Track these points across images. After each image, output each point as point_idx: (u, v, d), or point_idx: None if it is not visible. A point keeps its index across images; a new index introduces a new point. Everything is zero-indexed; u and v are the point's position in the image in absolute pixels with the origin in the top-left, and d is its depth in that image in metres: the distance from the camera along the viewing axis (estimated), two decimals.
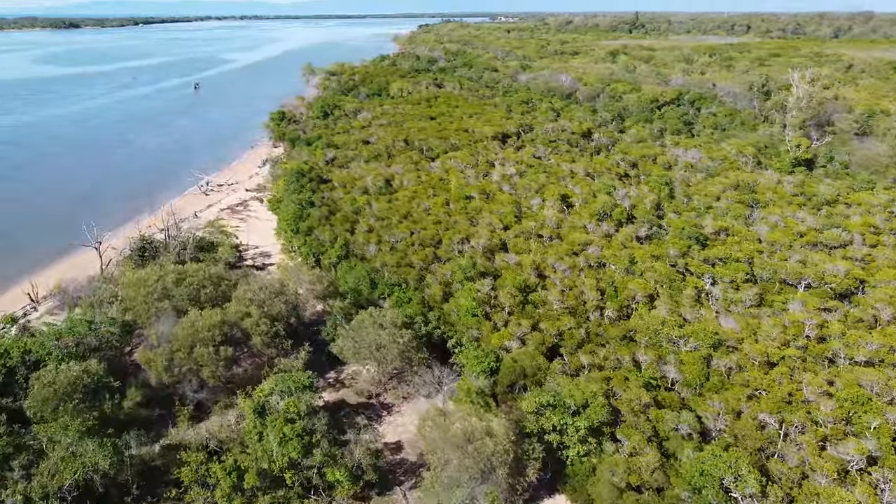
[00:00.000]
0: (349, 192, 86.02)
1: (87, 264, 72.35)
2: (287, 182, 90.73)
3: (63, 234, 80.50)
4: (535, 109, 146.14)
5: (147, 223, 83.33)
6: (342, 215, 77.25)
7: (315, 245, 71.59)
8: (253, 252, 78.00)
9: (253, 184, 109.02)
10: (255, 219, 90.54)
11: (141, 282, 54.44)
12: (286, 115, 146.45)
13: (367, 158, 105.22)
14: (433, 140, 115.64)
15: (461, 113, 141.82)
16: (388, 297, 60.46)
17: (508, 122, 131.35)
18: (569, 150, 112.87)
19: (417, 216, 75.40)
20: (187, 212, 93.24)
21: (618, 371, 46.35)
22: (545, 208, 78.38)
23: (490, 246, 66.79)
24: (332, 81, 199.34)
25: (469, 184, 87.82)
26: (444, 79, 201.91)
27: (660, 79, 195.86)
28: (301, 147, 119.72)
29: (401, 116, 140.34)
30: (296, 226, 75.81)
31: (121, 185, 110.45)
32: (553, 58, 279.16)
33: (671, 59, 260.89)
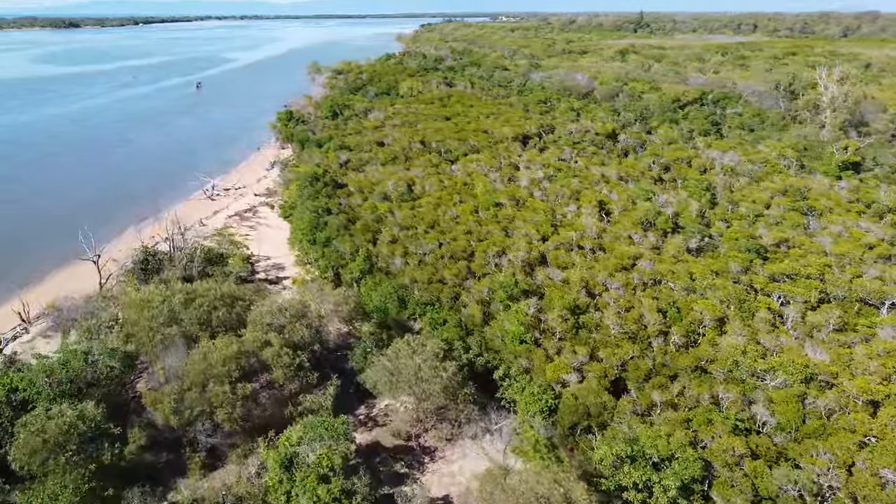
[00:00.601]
0: (368, 199, 79.75)
1: (85, 277, 66.08)
2: (300, 187, 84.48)
3: (59, 242, 74.28)
4: (554, 109, 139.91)
5: (150, 233, 77.05)
6: (362, 224, 70.95)
7: (334, 257, 65.31)
8: (265, 264, 71.73)
9: (261, 188, 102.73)
10: (266, 226, 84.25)
11: (144, 303, 48.16)
12: (294, 115, 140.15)
13: (383, 161, 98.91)
14: (451, 141, 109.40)
15: (477, 113, 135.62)
16: (419, 317, 54.27)
17: (528, 123, 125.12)
18: (595, 151, 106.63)
19: (445, 225, 69.10)
20: (192, 218, 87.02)
21: (696, 410, 40.07)
22: (582, 216, 72.14)
23: (529, 259, 60.52)
24: (339, 80, 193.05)
25: (496, 189, 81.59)
26: (454, 77, 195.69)
27: (678, 78, 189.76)
28: (311, 149, 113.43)
29: (414, 116, 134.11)
30: (312, 236, 69.52)
31: (121, 189, 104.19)
32: (561, 57, 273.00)
33: (683, 58, 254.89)
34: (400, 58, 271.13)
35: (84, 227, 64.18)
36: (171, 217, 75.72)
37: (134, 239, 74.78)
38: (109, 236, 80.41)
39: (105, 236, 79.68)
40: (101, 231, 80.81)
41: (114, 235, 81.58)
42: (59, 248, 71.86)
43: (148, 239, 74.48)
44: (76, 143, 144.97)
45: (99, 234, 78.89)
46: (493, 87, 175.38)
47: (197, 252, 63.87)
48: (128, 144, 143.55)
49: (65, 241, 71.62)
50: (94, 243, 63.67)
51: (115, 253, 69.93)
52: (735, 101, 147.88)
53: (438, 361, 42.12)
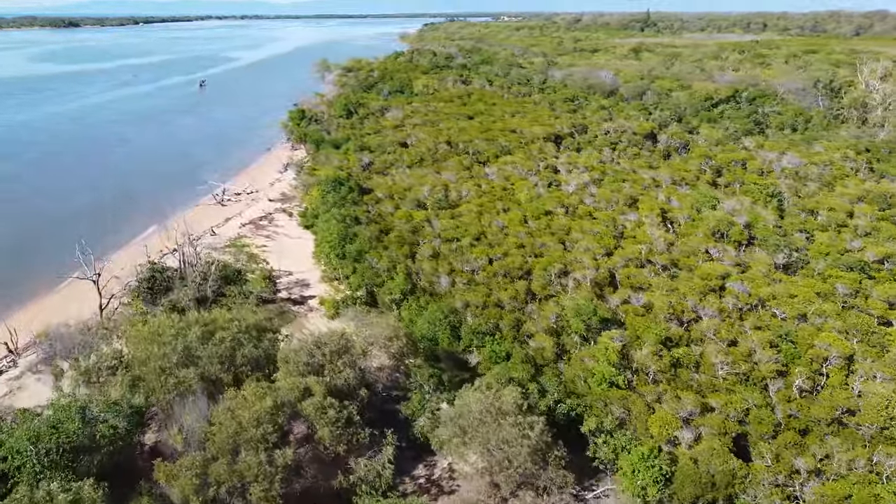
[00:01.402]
0: (399, 206, 71.48)
1: (83, 296, 57.74)
2: (321, 192, 76.19)
3: (55, 256, 65.92)
4: (583, 107, 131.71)
5: (156, 244, 68.82)
6: (397, 235, 62.65)
7: (368, 274, 57.03)
8: (287, 280, 63.41)
9: (276, 192, 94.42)
10: (285, 236, 75.93)
11: (154, 337, 39.88)
12: (306, 113, 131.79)
13: (409, 163, 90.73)
14: (479, 142, 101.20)
15: (501, 111, 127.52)
16: (476, 349, 46.05)
17: (558, 122, 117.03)
18: (637, 153, 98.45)
19: (493, 237, 60.79)
20: (202, 227, 78.70)
21: (851, 481, 31.81)
22: (644, 226, 63.91)
23: (597, 279, 52.28)
24: (350, 78, 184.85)
25: (540, 195, 73.36)
26: (469, 75, 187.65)
27: (703, 75, 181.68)
28: (327, 149, 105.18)
29: (434, 115, 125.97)
30: (341, 249, 61.19)
31: (123, 194, 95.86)
32: (573, 55, 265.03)
33: (699, 57, 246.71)
34: (410, 56, 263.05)
35: (82, 242, 55.68)
36: (179, 226, 67.47)
37: (138, 251, 66.45)
38: (111, 248, 72.14)
39: (106, 248, 71.43)
40: (101, 242, 72.59)
41: (116, 247, 73.31)
42: (55, 262, 63.53)
43: (154, 252, 66.24)
44: (74, 144, 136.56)
45: (99, 246, 70.62)
46: (513, 85, 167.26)
47: (212, 269, 55.56)
48: (129, 145, 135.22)
49: (61, 254, 63.28)
50: (94, 259, 55.23)
51: (118, 268, 61.57)
52: (772, 99, 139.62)
53: (522, 416, 33.83)
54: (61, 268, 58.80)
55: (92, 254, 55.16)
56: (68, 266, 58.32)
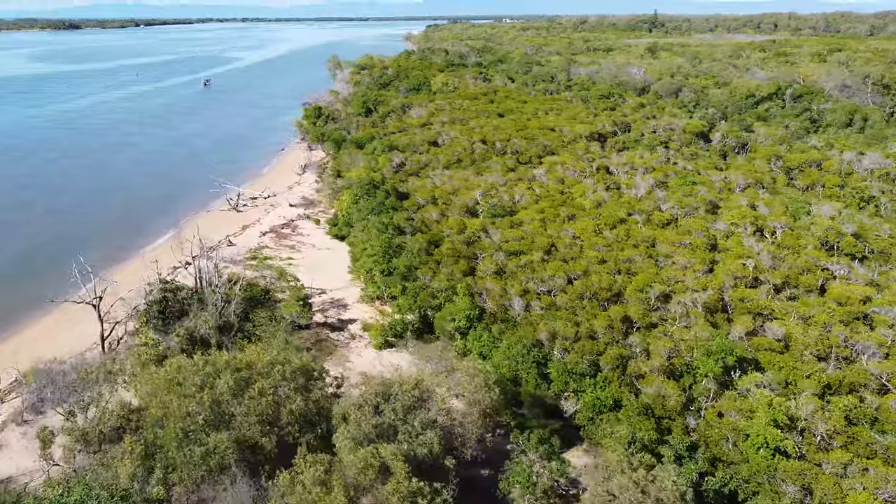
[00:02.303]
0: (445, 212, 62.18)
1: (81, 322, 48.57)
2: (353, 197, 66.89)
3: (49, 273, 56.80)
4: (621, 105, 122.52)
5: (166, 256, 59.53)
6: (450, 248, 53.34)
7: (423, 296, 47.72)
8: (320, 300, 54.05)
9: (296, 197, 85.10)
10: (312, 247, 66.59)
11: (172, 385, 30.67)
12: (323, 111, 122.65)
13: (445, 164, 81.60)
14: (518, 141, 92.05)
15: (533, 108, 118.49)
16: (573, 396, 36.78)
17: (597, 120, 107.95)
18: (695, 152, 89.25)
19: (566, 250, 51.50)
20: (217, 235, 69.37)
21: None
22: (736, 236, 54.65)
23: (711, 302, 42.96)
24: (364, 76, 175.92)
25: (604, 200, 64.09)
26: (488, 73, 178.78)
27: (736, 72, 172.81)
28: (349, 149, 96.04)
29: (461, 112, 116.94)
30: (386, 264, 51.89)
31: (127, 199, 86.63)
32: (588, 54, 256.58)
33: (720, 56, 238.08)
34: (422, 54, 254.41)
35: (80, 259, 46.41)
36: (191, 236, 58.15)
37: (146, 265, 57.10)
38: (114, 261, 62.88)
39: (109, 261, 62.20)
40: (104, 254, 63.40)
41: (120, 260, 64.04)
42: (48, 281, 54.32)
43: (164, 266, 56.98)
44: (73, 145, 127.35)
45: (101, 259, 61.47)
46: (537, 82, 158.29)
47: (235, 289, 46.25)
48: (133, 146, 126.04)
49: (56, 270, 54.17)
50: (95, 279, 45.90)
51: (123, 286, 52.22)
52: (821, 96, 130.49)
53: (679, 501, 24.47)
54: (56, 288, 49.47)
55: (91, 272, 45.78)
56: (64, 286, 49.05)
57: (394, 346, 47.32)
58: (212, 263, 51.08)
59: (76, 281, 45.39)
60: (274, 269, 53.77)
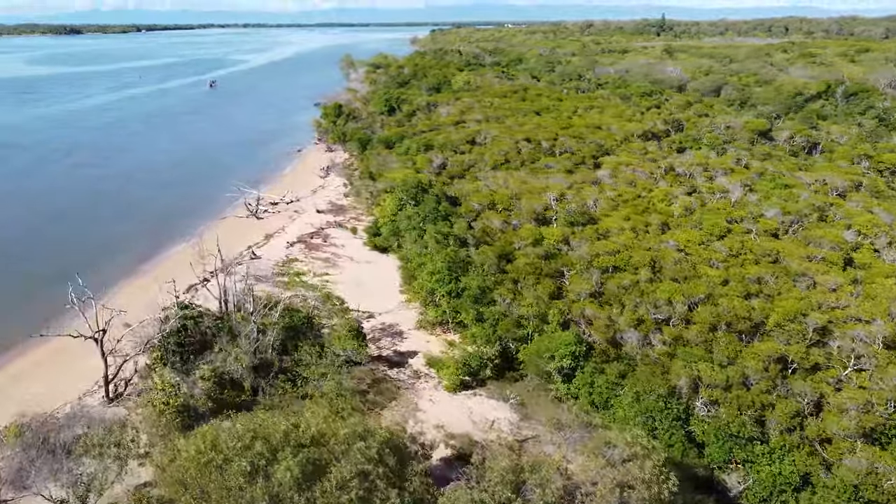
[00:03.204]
0: (508, 219, 52.88)
1: (79, 353, 39.18)
2: (397, 202, 57.55)
3: (46, 292, 47.58)
4: (665, 103, 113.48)
5: (182, 276, 50.18)
6: (527, 264, 43.98)
7: (504, 325, 38.36)
8: (370, 326, 44.61)
9: (323, 201, 75.81)
10: (348, 259, 57.21)
11: (206, 470, 21.30)
12: (343, 110, 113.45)
13: (492, 164, 72.43)
14: (566, 140, 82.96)
15: (571, 106, 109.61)
16: (739, 468, 27.39)
17: (646, 118, 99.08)
18: (769, 152, 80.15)
19: (675, 267, 42.10)
20: (237, 246, 60.08)
21: None
22: (870, 249, 45.37)
23: (889, 339, 33.59)
24: (379, 74, 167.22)
25: (692, 206, 54.82)
26: (510, 72, 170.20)
27: (775, 70, 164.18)
28: (377, 149, 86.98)
29: (493, 110, 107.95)
30: (453, 284, 42.48)
31: (131, 206, 77.31)
32: (604, 55, 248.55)
33: (742, 56, 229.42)
34: (434, 54, 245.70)
35: (79, 281, 37.03)
36: (207, 247, 48.84)
37: (157, 282, 47.73)
38: (121, 276, 53.68)
39: (115, 276, 53.05)
40: (109, 269, 54.22)
41: (127, 274, 54.76)
42: (44, 301, 45.12)
43: (179, 284, 47.61)
44: (74, 147, 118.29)
45: (106, 275, 52.27)
46: (565, 81, 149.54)
47: (274, 315, 36.89)
48: (137, 148, 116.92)
49: (54, 287, 44.85)
50: (97, 304, 36.47)
51: (131, 307, 42.83)
52: (877, 94, 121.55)
53: None
54: (51, 314, 40.15)
55: (93, 297, 36.40)
56: (60, 312, 39.76)
57: (470, 386, 38.01)
58: (240, 282, 41.82)
59: (73, 307, 35.98)
60: (318, 291, 44.32)
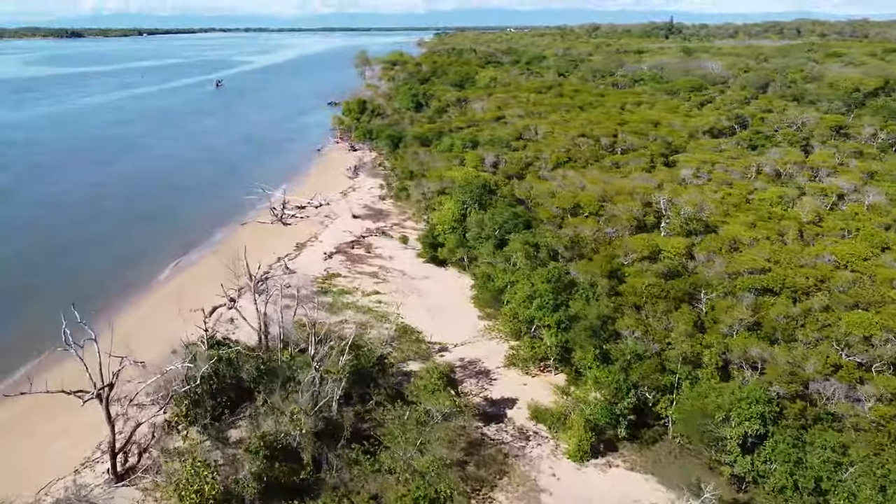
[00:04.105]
0: (600, 226, 43.39)
1: (70, 407, 29.55)
2: (459, 206, 48.00)
3: (32, 324, 38.13)
4: (716, 99, 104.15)
5: (193, 283, 40.62)
6: (649, 285, 34.43)
7: (642, 369, 28.78)
8: (444, 362, 35.01)
9: (357, 205, 66.21)
10: (400, 274, 47.61)
11: None
12: (367, 106, 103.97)
13: (554, 162, 62.98)
14: (625, 136, 73.62)
15: (616, 101, 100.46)
16: None
17: (706, 113, 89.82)
18: (861, 150, 70.73)
19: (855, 290, 32.55)
20: (265, 257, 50.53)
21: None
22: None
23: None
24: (397, 72, 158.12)
25: (818, 209, 45.38)
26: (534, 69, 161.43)
27: (819, 67, 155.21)
28: (412, 147, 77.59)
29: (531, 106, 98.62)
30: (563, 312, 32.82)
31: (141, 213, 67.74)
32: (622, 55, 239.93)
33: (764, 57, 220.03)
34: (448, 53, 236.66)
35: (75, 314, 27.19)
36: (228, 257, 39.16)
37: (172, 300, 38.16)
38: (131, 292, 44.25)
39: (121, 296, 43.59)
40: (112, 286, 44.77)
41: (138, 288, 45.29)
42: (27, 330, 35.62)
43: (199, 301, 38.01)
44: (78, 148, 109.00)
45: (110, 292, 42.84)
46: (597, 78, 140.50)
47: (341, 360, 27.29)
48: (143, 149, 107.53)
49: (43, 312, 35.41)
50: (99, 347, 26.72)
51: (142, 339, 33.32)
52: None
53: None
54: (37, 346, 30.57)
55: (93, 335, 26.79)
56: (49, 349, 30.21)
57: (597, 451, 28.45)
58: (286, 308, 32.35)
59: (67, 347, 26.37)
60: (370, 313, 34.72)
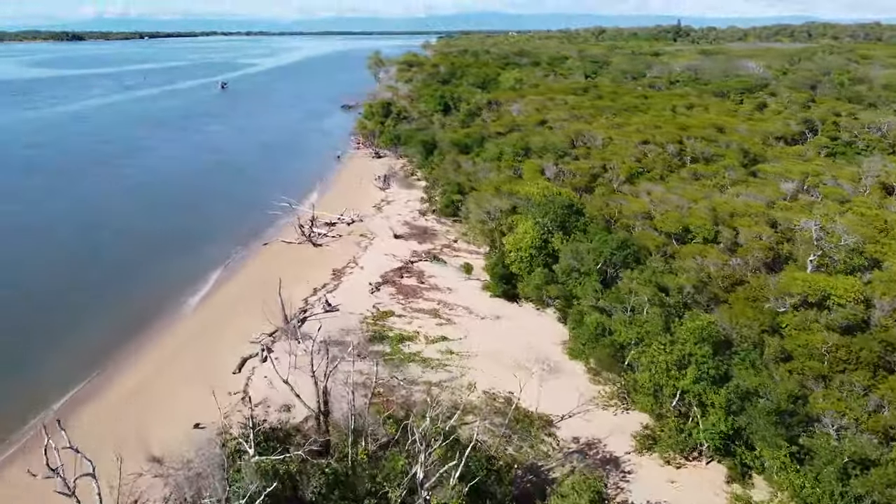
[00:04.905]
0: (705, 254, 34.86)
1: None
2: (536, 229, 39.45)
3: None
4: (770, 101, 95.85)
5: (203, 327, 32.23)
6: (830, 349, 25.90)
7: (873, 481, 20.25)
8: (557, 446, 26.48)
9: (396, 221, 57.60)
10: (464, 311, 38.98)
11: None
12: (392, 108, 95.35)
13: (626, 173, 54.49)
14: (693, 142, 65.17)
15: (664, 104, 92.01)
16: None
17: (769, 117, 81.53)
18: None
19: None
20: (297, 288, 41.96)
21: None
22: None
23: None
24: (414, 73, 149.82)
25: None
26: (558, 70, 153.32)
27: (861, 67, 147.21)
28: (450, 154, 69.09)
29: (572, 109, 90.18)
30: (736, 390, 24.16)
31: (140, 230, 59.26)
32: (642, 58, 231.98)
33: (785, 59, 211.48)
34: (461, 54, 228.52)
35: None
36: (247, 286, 30.47)
37: (187, 347, 29.57)
38: (122, 346, 35.62)
39: (112, 346, 35.04)
40: (94, 332, 36.24)
41: (131, 344, 36.61)
42: None
43: (222, 345, 29.49)
44: (67, 154, 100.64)
45: (93, 342, 34.39)
46: (630, 80, 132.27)
47: (452, 478, 18.68)
48: (147, 153, 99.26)
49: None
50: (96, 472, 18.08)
51: (151, 427, 24.69)
52: None
53: None
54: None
55: (72, 443, 18.19)
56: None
57: None
58: (357, 390, 23.82)
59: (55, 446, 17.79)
60: (440, 366, 26.08)
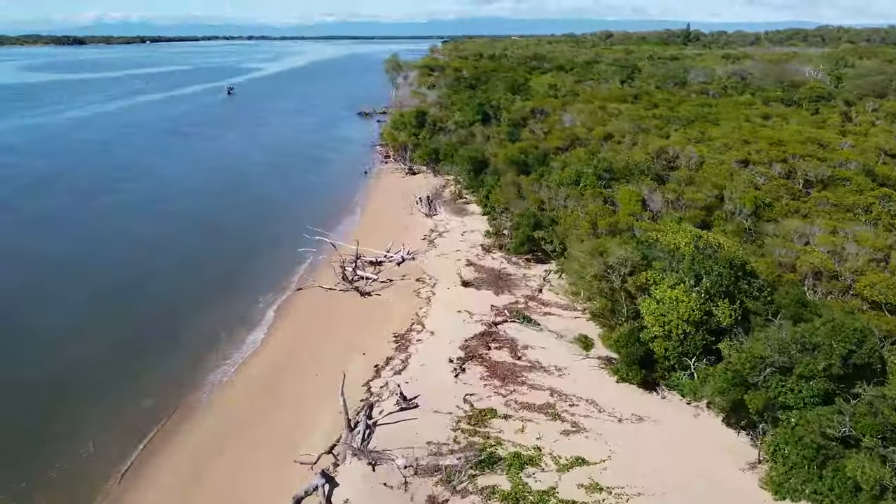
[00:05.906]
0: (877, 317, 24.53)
1: None
2: (693, 297, 28.90)
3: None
4: (849, 110, 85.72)
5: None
6: None
7: None
8: None
9: (457, 264, 46.99)
10: (587, 404, 28.51)
11: None
12: (427, 118, 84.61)
13: (751, 204, 44.01)
14: (801, 162, 54.81)
15: (735, 115, 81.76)
16: None
17: (867, 130, 71.25)
18: None
19: None
20: (355, 365, 31.49)
21: None
22: None
23: None
24: (437, 78, 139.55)
25: None
26: (587, 76, 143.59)
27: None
28: (506, 175, 58.54)
29: (631, 120, 79.90)
30: None
31: (140, 273, 48.82)
32: (658, 61, 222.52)
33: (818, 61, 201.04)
34: (477, 58, 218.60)
35: None
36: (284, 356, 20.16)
37: (205, 468, 19.05)
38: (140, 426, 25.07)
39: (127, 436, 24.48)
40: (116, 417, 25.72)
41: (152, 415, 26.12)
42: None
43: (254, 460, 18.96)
44: (53, 172, 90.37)
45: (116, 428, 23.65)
46: (675, 86, 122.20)
47: None
48: (143, 175, 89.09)
49: None
50: None
51: None
52: None
53: None
54: None
55: None
56: None
57: None
58: None
59: None
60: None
